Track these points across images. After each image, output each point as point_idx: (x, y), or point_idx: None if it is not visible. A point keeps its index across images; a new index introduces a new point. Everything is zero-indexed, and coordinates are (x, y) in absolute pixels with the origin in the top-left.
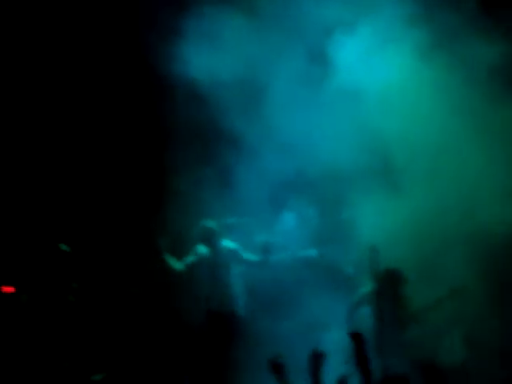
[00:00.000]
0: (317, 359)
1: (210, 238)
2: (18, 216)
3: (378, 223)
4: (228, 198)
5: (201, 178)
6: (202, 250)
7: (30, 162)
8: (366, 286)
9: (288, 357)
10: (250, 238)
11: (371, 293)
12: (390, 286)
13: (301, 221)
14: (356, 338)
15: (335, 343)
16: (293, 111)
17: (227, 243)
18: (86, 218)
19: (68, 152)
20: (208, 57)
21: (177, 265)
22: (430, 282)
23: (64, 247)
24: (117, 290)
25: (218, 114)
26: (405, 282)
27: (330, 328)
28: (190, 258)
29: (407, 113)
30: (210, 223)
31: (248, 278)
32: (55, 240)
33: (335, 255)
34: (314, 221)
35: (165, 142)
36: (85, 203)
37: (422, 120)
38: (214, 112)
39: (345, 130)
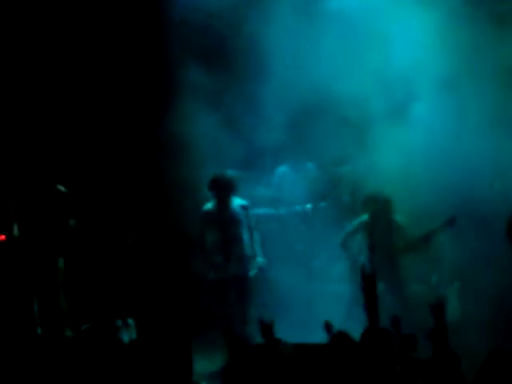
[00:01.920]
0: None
1: (227, 189)
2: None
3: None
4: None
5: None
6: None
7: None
8: (361, 217)
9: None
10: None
11: (365, 222)
12: (381, 213)
13: (298, 175)
14: (368, 280)
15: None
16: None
17: (237, 199)
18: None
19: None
20: None
21: None
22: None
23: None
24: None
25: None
26: (394, 208)
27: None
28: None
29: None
30: (230, 172)
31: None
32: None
33: (331, 209)
34: (312, 174)
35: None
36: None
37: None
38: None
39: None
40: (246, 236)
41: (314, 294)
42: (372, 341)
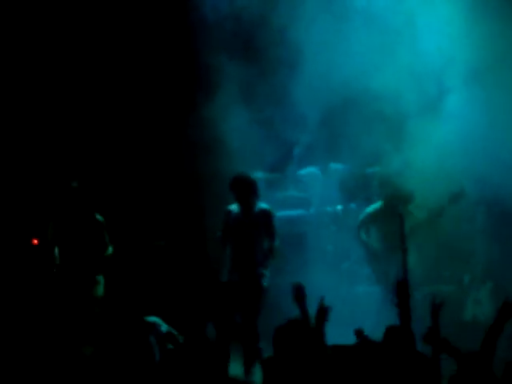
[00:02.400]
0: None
1: (247, 190)
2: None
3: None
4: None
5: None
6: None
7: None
8: (375, 205)
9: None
10: (277, 193)
11: (378, 211)
12: (395, 204)
13: (327, 176)
14: (401, 286)
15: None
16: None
17: (261, 204)
18: None
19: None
20: None
21: None
22: None
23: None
24: None
25: None
26: (411, 200)
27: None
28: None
29: None
30: (257, 174)
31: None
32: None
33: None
34: (341, 175)
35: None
36: None
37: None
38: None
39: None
40: (263, 242)
41: (344, 296)
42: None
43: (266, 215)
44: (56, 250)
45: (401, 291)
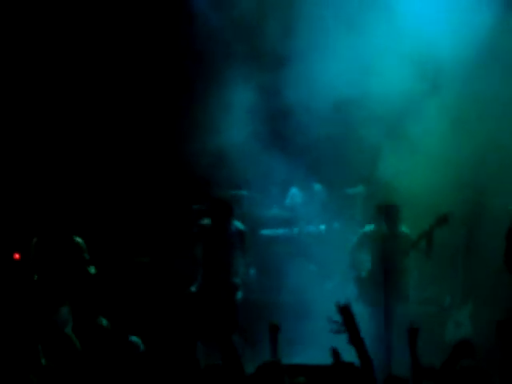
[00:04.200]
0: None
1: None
2: None
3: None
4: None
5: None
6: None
7: None
8: (365, 227)
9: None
10: (261, 211)
11: (371, 232)
12: (387, 222)
13: (310, 196)
14: (344, 311)
15: None
16: None
17: (237, 223)
18: None
19: None
20: None
21: None
22: None
23: None
24: None
25: None
26: (400, 218)
27: None
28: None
29: None
30: (227, 194)
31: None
32: None
33: (344, 230)
34: (322, 196)
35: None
36: None
37: None
38: None
39: None
40: (236, 260)
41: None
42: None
43: (241, 235)
44: (36, 267)
45: (345, 316)
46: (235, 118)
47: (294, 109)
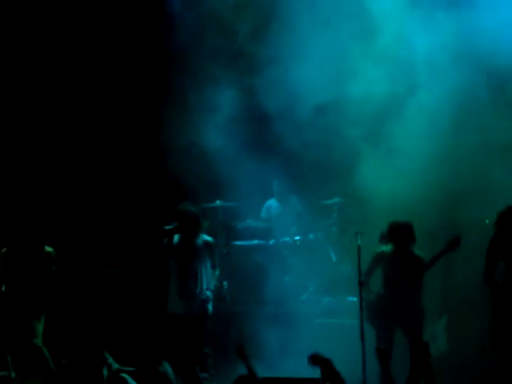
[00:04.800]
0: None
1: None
2: None
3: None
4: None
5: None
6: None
7: None
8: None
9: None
10: (236, 223)
11: (387, 252)
12: (399, 243)
13: (285, 207)
14: (322, 363)
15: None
16: None
17: (205, 236)
18: None
19: None
20: None
21: None
22: None
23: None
24: None
25: None
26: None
27: None
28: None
29: None
30: (197, 207)
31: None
32: None
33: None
34: (297, 207)
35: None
36: None
37: None
38: None
39: None
40: (205, 273)
41: (302, 328)
42: None
43: (210, 246)
44: (5, 278)
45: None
46: (210, 127)
47: (270, 118)
